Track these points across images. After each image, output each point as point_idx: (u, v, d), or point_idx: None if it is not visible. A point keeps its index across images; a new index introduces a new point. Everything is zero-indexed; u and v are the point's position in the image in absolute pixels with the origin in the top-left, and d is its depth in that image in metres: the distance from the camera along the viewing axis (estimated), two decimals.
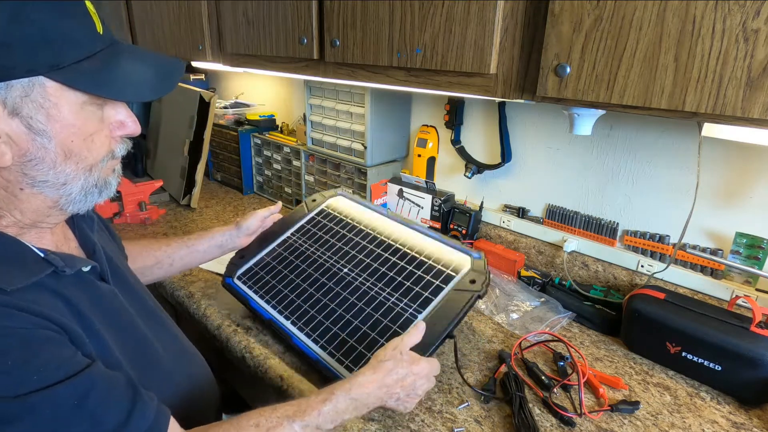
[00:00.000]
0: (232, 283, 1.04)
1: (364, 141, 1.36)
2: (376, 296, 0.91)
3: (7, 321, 0.48)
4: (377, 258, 0.99)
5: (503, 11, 0.77)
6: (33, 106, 0.52)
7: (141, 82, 0.59)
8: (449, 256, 0.94)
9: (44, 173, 0.55)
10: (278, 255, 1.06)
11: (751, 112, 0.58)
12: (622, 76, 0.67)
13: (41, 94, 0.52)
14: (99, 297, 0.62)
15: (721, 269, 0.98)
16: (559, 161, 1.17)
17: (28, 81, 0.51)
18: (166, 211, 1.59)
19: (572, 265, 1.17)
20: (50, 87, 0.52)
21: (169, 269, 0.99)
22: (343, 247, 1.03)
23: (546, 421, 0.77)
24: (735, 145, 0.91)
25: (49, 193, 0.57)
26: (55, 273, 0.57)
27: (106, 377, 0.54)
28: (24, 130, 0.52)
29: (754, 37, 0.56)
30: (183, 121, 1.67)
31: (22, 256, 0.55)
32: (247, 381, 0.97)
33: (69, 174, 0.57)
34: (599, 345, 0.98)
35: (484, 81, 0.83)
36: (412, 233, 1.02)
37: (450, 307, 0.85)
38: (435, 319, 0.83)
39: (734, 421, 0.79)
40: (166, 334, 0.75)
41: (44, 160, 0.54)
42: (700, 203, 0.95)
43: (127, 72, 0.57)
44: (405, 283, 0.92)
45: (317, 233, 1.09)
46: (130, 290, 0.72)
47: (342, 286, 0.95)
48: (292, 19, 1.10)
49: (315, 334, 0.88)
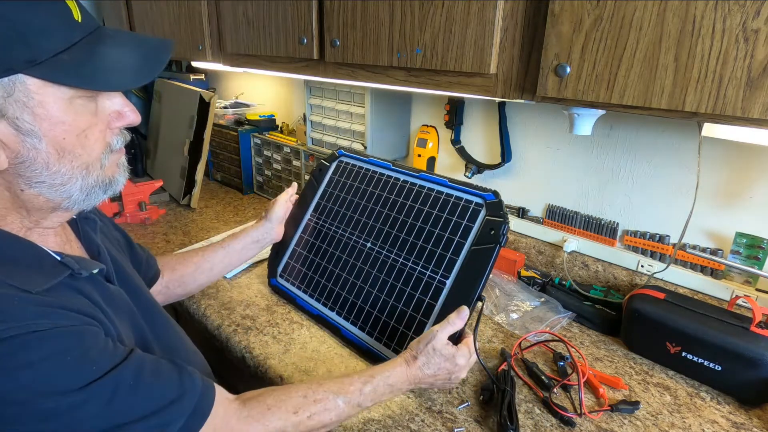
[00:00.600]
0: (278, 284, 1.09)
1: (364, 141, 1.36)
2: (402, 268, 0.93)
3: (63, 320, 0.50)
4: (394, 223, 0.99)
5: (503, 11, 0.77)
6: (17, 106, 0.50)
7: (126, 69, 0.55)
8: (462, 204, 0.91)
9: (38, 174, 0.54)
10: (306, 242, 1.10)
11: (751, 112, 0.58)
12: (622, 76, 0.67)
13: (23, 93, 0.50)
14: (109, 297, 0.63)
15: (721, 269, 0.98)
16: (559, 161, 1.17)
17: (8, 80, 0.49)
18: (166, 211, 1.59)
19: (572, 265, 1.17)
20: (32, 84, 0.50)
21: (210, 274, 0.98)
22: (360, 219, 1.04)
23: (546, 421, 0.77)
24: (735, 145, 0.91)
25: (48, 194, 0.55)
26: (71, 275, 0.57)
27: (150, 359, 0.57)
28: (12, 132, 0.51)
29: (754, 37, 0.56)
30: (183, 121, 1.67)
31: (39, 260, 0.55)
32: (247, 381, 0.97)
33: (65, 174, 0.55)
34: (599, 345, 0.98)
35: (484, 81, 0.83)
36: (420, 183, 0.99)
37: (474, 267, 0.84)
38: (462, 283, 0.85)
39: (734, 421, 0.79)
40: (167, 335, 0.75)
41: (36, 161, 0.53)
42: (700, 203, 0.95)
43: (112, 59, 0.54)
44: (426, 246, 0.92)
45: (333, 208, 1.09)
46: (135, 291, 0.72)
47: (369, 264, 0.98)
48: (292, 19, 1.10)
49: (360, 321, 0.94)
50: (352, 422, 0.76)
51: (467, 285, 0.83)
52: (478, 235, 0.85)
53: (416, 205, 0.97)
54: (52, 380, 0.47)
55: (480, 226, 0.86)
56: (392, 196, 1.02)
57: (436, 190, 0.96)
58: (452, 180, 0.95)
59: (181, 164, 1.67)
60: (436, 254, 0.89)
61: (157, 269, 0.92)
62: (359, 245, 1.01)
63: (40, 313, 0.49)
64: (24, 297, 0.49)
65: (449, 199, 0.93)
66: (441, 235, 0.90)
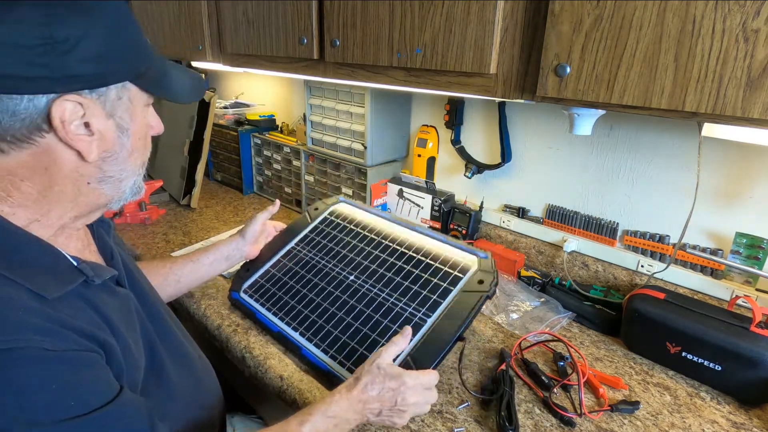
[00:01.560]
0: (239, 297, 1.04)
1: (364, 141, 1.36)
2: (383, 302, 0.91)
3: (60, 342, 0.49)
4: (383, 263, 0.99)
5: (503, 11, 0.77)
6: (123, 108, 0.58)
7: (186, 88, 0.66)
8: (455, 258, 0.94)
9: (114, 169, 0.59)
10: (283, 266, 1.07)
11: (751, 112, 0.58)
12: (622, 76, 0.67)
13: (128, 97, 0.58)
14: (119, 302, 0.63)
15: (721, 269, 0.98)
16: (559, 161, 1.17)
17: (122, 86, 0.57)
18: (166, 211, 1.59)
19: (572, 265, 1.17)
20: (133, 90, 0.59)
21: (177, 286, 0.98)
22: (348, 255, 1.03)
23: (546, 421, 0.77)
24: (735, 145, 0.91)
25: (107, 190, 0.60)
26: (84, 282, 0.57)
27: (130, 411, 0.54)
28: (114, 129, 0.58)
29: (754, 37, 0.56)
30: (183, 121, 1.68)
31: (55, 264, 0.55)
32: (247, 381, 0.97)
33: (128, 171, 0.62)
34: (599, 345, 0.98)
35: (484, 81, 0.83)
36: (416, 236, 1.03)
37: (459, 309, 0.84)
38: (444, 322, 0.83)
39: (734, 421, 0.79)
40: (172, 339, 0.74)
41: (119, 156, 0.59)
42: (700, 203, 0.95)
43: (177, 79, 0.65)
44: (412, 287, 0.92)
45: (321, 242, 1.09)
46: (143, 295, 0.72)
47: (349, 293, 0.95)
48: (292, 19, 1.10)
49: (324, 344, 0.88)
50: None
51: (449, 324, 0.82)
52: (467, 284, 0.88)
53: (408, 252, 0.99)
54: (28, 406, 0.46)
55: (469, 278, 0.88)
56: (386, 241, 1.04)
57: (430, 246, 0.99)
58: (449, 238, 0.99)
59: (181, 164, 1.67)
60: (421, 295, 0.89)
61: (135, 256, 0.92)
62: (341, 276, 0.99)
63: (42, 329, 0.48)
64: (31, 308, 0.49)
65: (442, 254, 0.96)
66: (429, 280, 0.91)
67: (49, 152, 0.54)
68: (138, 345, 0.63)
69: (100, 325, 0.56)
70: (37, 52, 0.49)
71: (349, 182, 1.44)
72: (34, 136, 0.52)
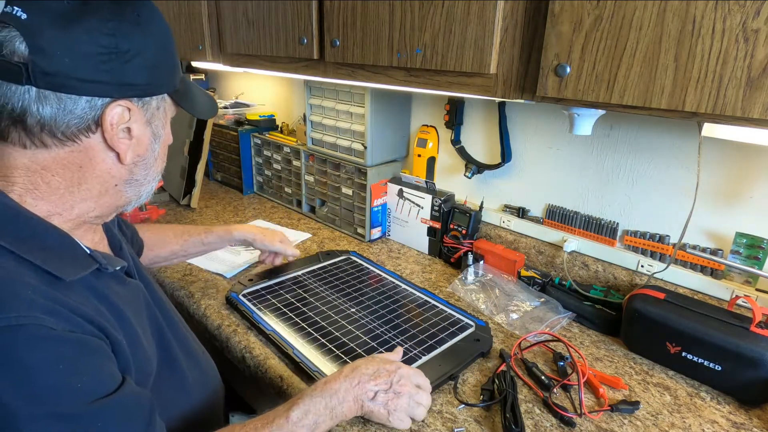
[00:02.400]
0: (237, 297, 1.06)
1: (364, 141, 1.36)
2: (380, 335, 0.95)
3: (64, 323, 0.50)
4: (386, 307, 1.05)
5: (503, 11, 0.77)
6: (159, 117, 0.63)
7: (206, 105, 0.72)
8: (457, 316, 1.02)
9: (141, 173, 0.63)
10: (288, 287, 1.12)
11: (751, 112, 0.58)
12: (622, 76, 0.67)
13: (164, 108, 0.64)
14: (129, 292, 0.65)
15: (721, 269, 0.98)
16: (559, 161, 1.17)
17: (161, 97, 0.62)
18: (166, 211, 1.59)
19: (572, 265, 1.17)
20: (168, 102, 0.64)
21: (182, 259, 1.09)
22: (351, 293, 1.10)
23: (546, 421, 0.77)
24: (735, 145, 0.91)
25: (129, 192, 0.63)
26: (98, 270, 0.59)
27: (131, 404, 0.54)
28: (150, 136, 0.62)
29: (754, 37, 0.56)
30: (183, 121, 1.68)
31: (73, 251, 0.58)
32: (247, 381, 0.97)
33: (151, 176, 0.65)
34: (599, 345, 0.98)
35: (484, 81, 0.83)
36: (421, 294, 1.11)
37: (455, 353, 0.90)
38: (438, 361, 0.88)
39: (734, 421, 0.79)
40: (180, 332, 0.76)
41: (148, 161, 0.63)
42: (700, 203, 0.95)
43: (198, 94, 0.71)
44: (410, 330, 0.97)
45: (330, 279, 1.16)
46: (149, 285, 0.74)
47: (348, 321, 0.99)
48: (292, 19, 1.10)
49: (317, 351, 0.90)
50: (352, 422, 0.76)
51: (442, 363, 0.87)
52: (464, 338, 0.94)
53: (411, 305, 1.06)
54: (38, 384, 0.46)
55: (467, 335, 0.96)
56: (390, 291, 1.11)
57: (433, 303, 1.07)
58: (452, 303, 1.07)
59: (181, 164, 1.67)
60: (418, 337, 0.94)
61: (141, 243, 0.95)
62: (342, 306, 1.04)
63: (49, 310, 0.49)
64: (40, 289, 0.50)
65: (444, 311, 1.04)
66: (427, 328, 0.97)
67: (88, 151, 0.57)
68: (147, 335, 0.65)
69: (107, 318, 0.56)
70: (102, 59, 0.53)
71: (349, 182, 1.44)
72: (81, 135, 0.56)
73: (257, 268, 1.22)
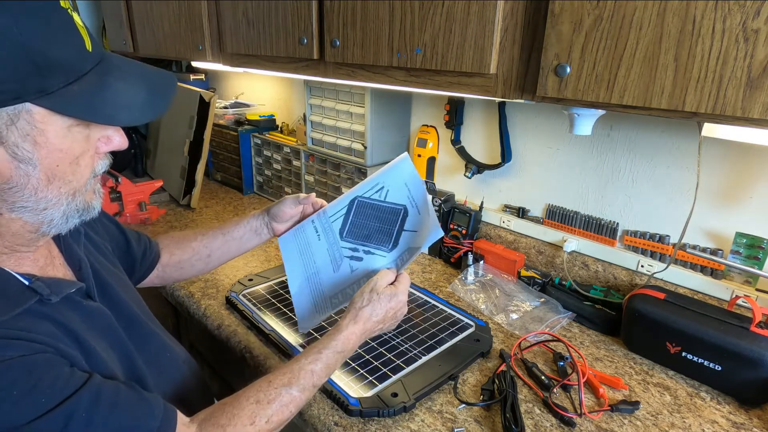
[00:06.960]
0: (237, 297, 1.06)
1: (364, 141, 1.36)
2: (380, 335, 0.94)
3: (7, 351, 0.48)
4: None
5: (503, 11, 0.77)
6: (19, 135, 0.48)
7: (133, 104, 0.55)
8: (457, 316, 1.03)
9: (25, 199, 0.52)
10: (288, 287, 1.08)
11: (751, 112, 0.58)
12: (622, 76, 0.67)
13: (27, 122, 0.48)
14: (87, 316, 0.61)
15: (721, 269, 0.98)
16: (559, 161, 1.17)
17: (13, 108, 0.47)
18: (166, 211, 1.59)
19: (572, 265, 1.17)
20: (37, 113, 0.48)
21: (207, 262, 0.93)
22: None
23: (546, 421, 0.77)
24: (735, 145, 0.91)
25: (28, 218, 0.54)
26: (40, 301, 0.55)
27: (108, 385, 0.55)
28: (8, 158, 0.49)
29: (754, 37, 0.56)
30: (183, 121, 1.67)
31: (3, 287, 0.53)
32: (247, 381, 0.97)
33: (51, 200, 0.53)
34: (599, 345, 0.98)
35: (484, 81, 0.83)
36: (422, 296, 1.11)
37: (455, 353, 0.91)
38: (438, 361, 0.88)
39: (734, 421, 0.79)
40: (151, 347, 0.72)
41: (26, 187, 0.51)
42: (700, 203, 0.95)
43: (119, 93, 0.53)
44: (411, 330, 0.98)
45: None
46: (117, 305, 0.69)
47: None
48: (292, 19, 1.10)
49: None
50: (352, 421, 0.76)
51: (442, 363, 0.88)
52: (463, 339, 0.95)
53: (411, 305, 1.06)
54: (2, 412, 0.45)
55: (467, 335, 0.96)
56: None
57: (433, 303, 1.08)
58: (452, 303, 1.08)
59: (181, 164, 1.67)
60: (418, 337, 0.95)
61: (157, 252, 0.90)
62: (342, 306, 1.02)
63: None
64: None
65: (444, 311, 1.05)
66: (427, 328, 0.98)
67: None
68: (111, 357, 0.62)
69: (57, 336, 0.54)
70: None
71: (349, 182, 1.44)
72: None
73: None
